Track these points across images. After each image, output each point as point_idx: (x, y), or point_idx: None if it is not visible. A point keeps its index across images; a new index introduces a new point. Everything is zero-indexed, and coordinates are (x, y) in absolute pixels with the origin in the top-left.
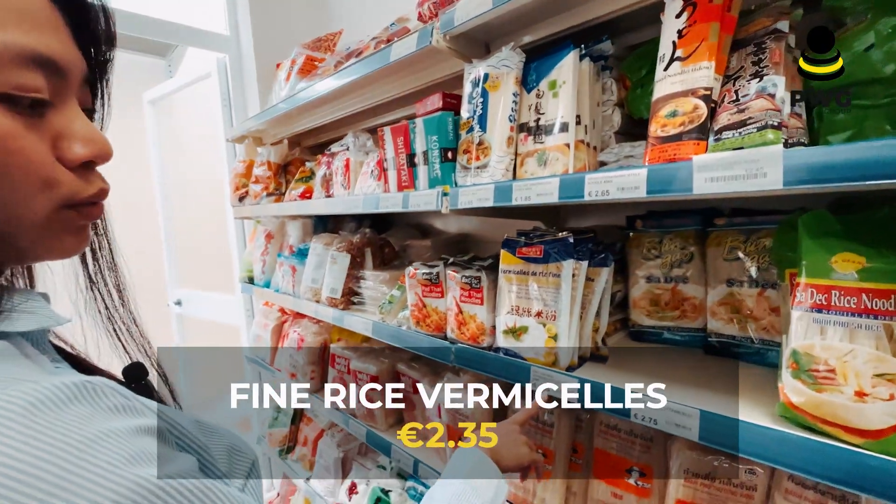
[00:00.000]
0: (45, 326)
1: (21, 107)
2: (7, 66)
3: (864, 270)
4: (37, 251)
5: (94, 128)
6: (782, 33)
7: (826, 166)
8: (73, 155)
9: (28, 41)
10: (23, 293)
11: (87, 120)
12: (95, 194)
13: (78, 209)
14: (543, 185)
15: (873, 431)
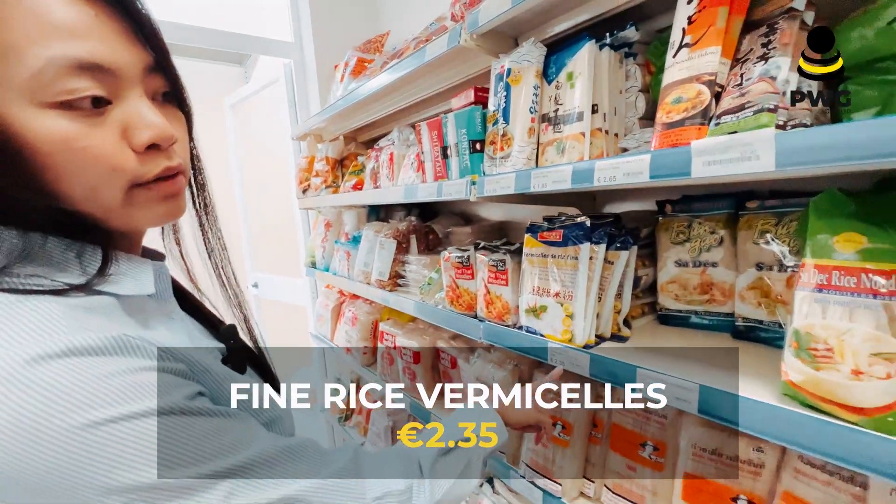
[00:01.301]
0: (140, 293)
1: (81, 110)
2: (57, 78)
3: (864, 250)
4: (131, 223)
5: (155, 115)
6: (797, 11)
7: (813, 148)
8: (137, 140)
9: (69, 51)
10: (132, 260)
11: (149, 108)
12: (162, 171)
13: (149, 186)
14: (558, 172)
15: (869, 409)
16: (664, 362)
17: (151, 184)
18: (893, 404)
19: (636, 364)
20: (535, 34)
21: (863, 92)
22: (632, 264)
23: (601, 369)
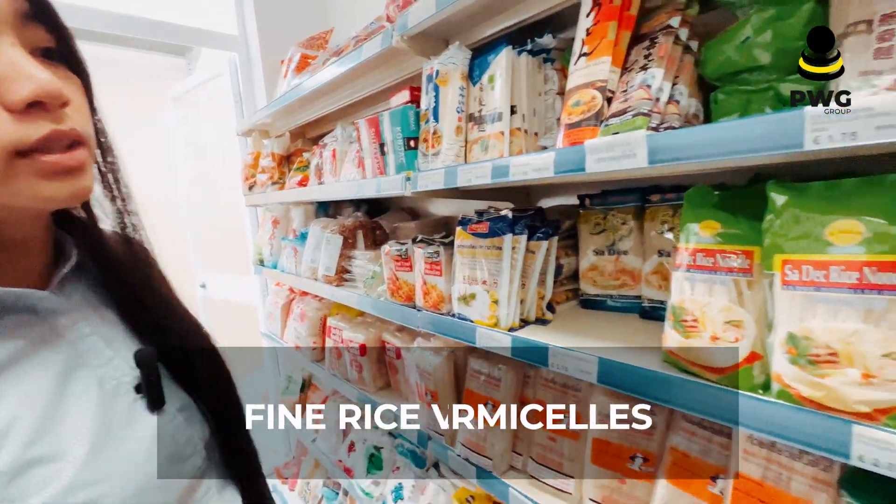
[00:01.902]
0: None
1: None
2: None
3: (719, 234)
4: (16, 202)
5: (37, 67)
6: (672, 28)
7: (676, 147)
8: (13, 96)
9: None
10: None
11: (27, 59)
12: (48, 136)
13: (32, 156)
14: (480, 168)
15: (721, 368)
16: (575, 341)
17: (37, 153)
18: (741, 363)
19: (548, 343)
20: (463, 38)
21: (727, 100)
22: (553, 253)
23: (521, 350)
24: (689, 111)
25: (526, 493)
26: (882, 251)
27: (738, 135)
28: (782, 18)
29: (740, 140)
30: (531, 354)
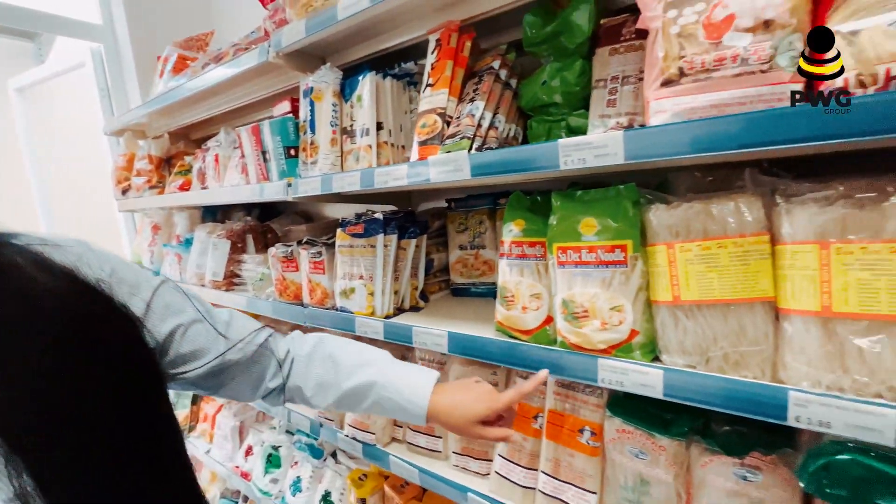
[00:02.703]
0: None
1: None
2: None
3: (524, 230)
4: None
5: None
6: (494, 69)
7: (485, 164)
8: None
9: None
10: None
11: None
12: None
13: None
14: (351, 177)
15: (528, 330)
16: (438, 323)
17: None
18: (540, 326)
19: (412, 325)
20: (338, 57)
21: (537, 126)
22: (423, 249)
23: (391, 333)
24: (507, 134)
25: (403, 457)
26: (607, 238)
27: (521, 157)
28: (565, 69)
29: (522, 161)
30: (399, 336)
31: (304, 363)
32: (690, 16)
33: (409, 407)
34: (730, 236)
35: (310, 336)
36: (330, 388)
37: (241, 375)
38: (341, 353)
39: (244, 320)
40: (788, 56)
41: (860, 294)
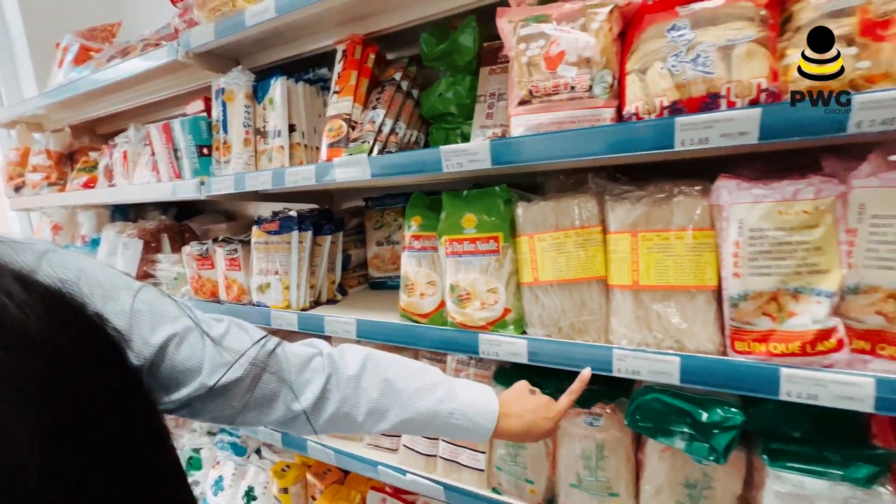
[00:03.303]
0: None
1: None
2: None
3: (421, 225)
4: None
5: None
6: (395, 80)
7: (384, 166)
8: None
9: None
10: None
11: None
12: None
13: None
14: (263, 176)
15: (426, 314)
16: (351, 313)
17: None
18: (435, 310)
19: (324, 315)
20: (252, 60)
21: (437, 133)
22: (339, 246)
23: (305, 323)
24: (409, 139)
25: (320, 441)
26: (483, 231)
27: (413, 160)
28: (457, 84)
29: (414, 164)
30: (312, 326)
31: (352, 386)
32: (535, 49)
33: (477, 430)
34: (573, 228)
35: (353, 353)
36: (387, 414)
37: (246, 397)
38: (398, 377)
39: (244, 330)
40: (601, 86)
41: (657, 271)
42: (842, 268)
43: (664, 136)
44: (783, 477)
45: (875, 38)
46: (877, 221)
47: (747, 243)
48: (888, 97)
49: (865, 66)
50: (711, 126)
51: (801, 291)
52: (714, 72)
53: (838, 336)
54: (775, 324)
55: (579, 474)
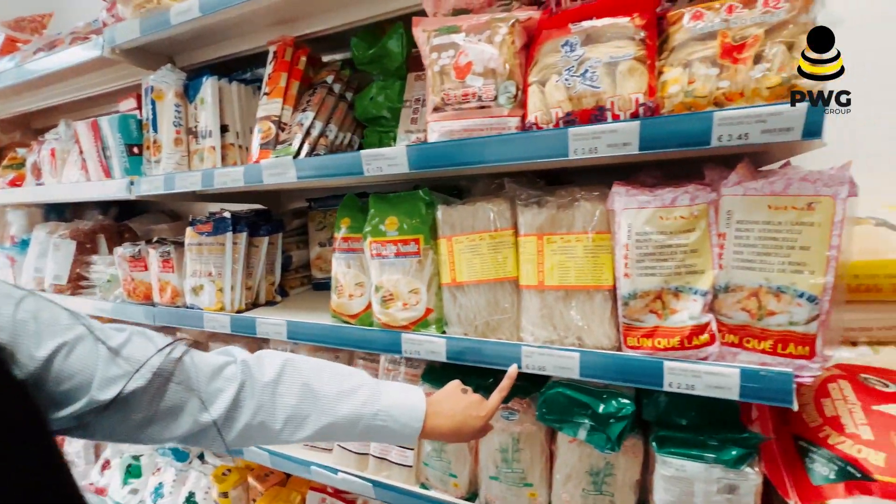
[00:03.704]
0: None
1: None
2: None
3: (350, 227)
4: None
5: None
6: (327, 83)
7: (308, 169)
8: None
9: None
10: None
11: None
12: None
13: None
14: (193, 176)
15: (355, 314)
16: (288, 314)
17: None
18: (363, 311)
19: (255, 317)
20: (185, 58)
21: (371, 136)
22: (279, 247)
23: (237, 326)
24: (342, 142)
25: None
26: (405, 234)
27: (336, 163)
28: (388, 88)
29: (337, 167)
30: (245, 328)
31: (269, 392)
32: (446, 59)
33: (404, 431)
34: (488, 231)
35: (271, 359)
36: (307, 420)
37: (149, 409)
38: (319, 381)
39: (148, 339)
40: (505, 96)
41: (559, 272)
42: (714, 268)
43: (559, 146)
44: (668, 462)
45: (733, 61)
46: (741, 226)
47: (635, 246)
48: (741, 115)
49: (726, 86)
50: (599, 137)
51: (681, 290)
52: (600, 86)
53: (710, 331)
54: (660, 320)
55: (498, 467)
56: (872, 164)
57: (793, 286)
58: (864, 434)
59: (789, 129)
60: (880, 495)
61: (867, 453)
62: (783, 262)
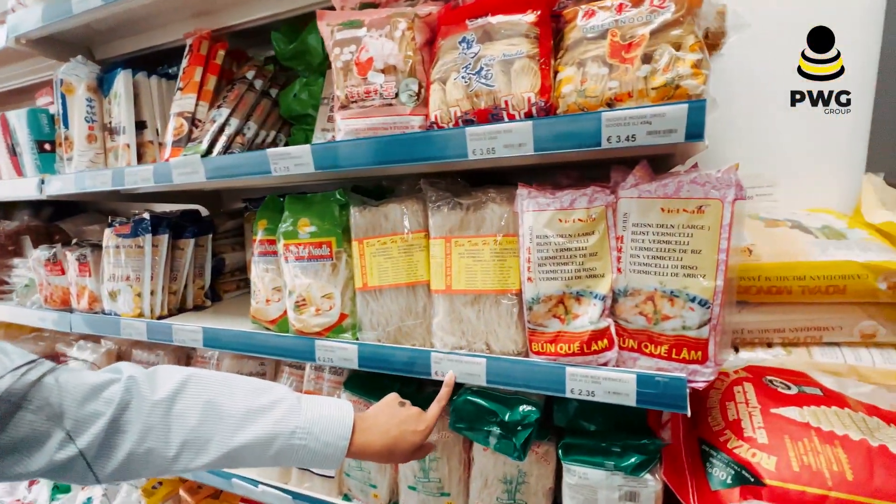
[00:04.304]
0: None
1: None
2: None
3: (265, 229)
4: None
5: None
6: (247, 79)
7: (217, 168)
8: None
9: None
10: None
11: None
12: None
13: None
14: (104, 175)
15: (272, 320)
16: (212, 320)
17: None
18: (281, 316)
19: (172, 323)
20: (105, 50)
21: (298, 134)
22: (208, 249)
23: (154, 332)
24: (262, 140)
25: None
26: (317, 236)
27: (244, 162)
28: (311, 84)
29: (246, 166)
30: (161, 335)
31: (160, 413)
32: (348, 54)
33: (327, 451)
34: (399, 233)
35: (168, 374)
36: (210, 443)
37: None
38: (226, 398)
39: (5, 355)
40: (406, 94)
41: (466, 275)
42: (613, 272)
43: (459, 146)
44: (571, 469)
45: (621, 60)
46: (636, 229)
47: (536, 249)
48: (626, 115)
49: (615, 86)
50: (496, 137)
51: (583, 294)
52: (495, 84)
53: (609, 336)
54: (563, 325)
55: (416, 476)
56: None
57: (685, 290)
58: (759, 438)
59: (673, 130)
60: (770, 500)
61: (760, 457)
62: (676, 265)
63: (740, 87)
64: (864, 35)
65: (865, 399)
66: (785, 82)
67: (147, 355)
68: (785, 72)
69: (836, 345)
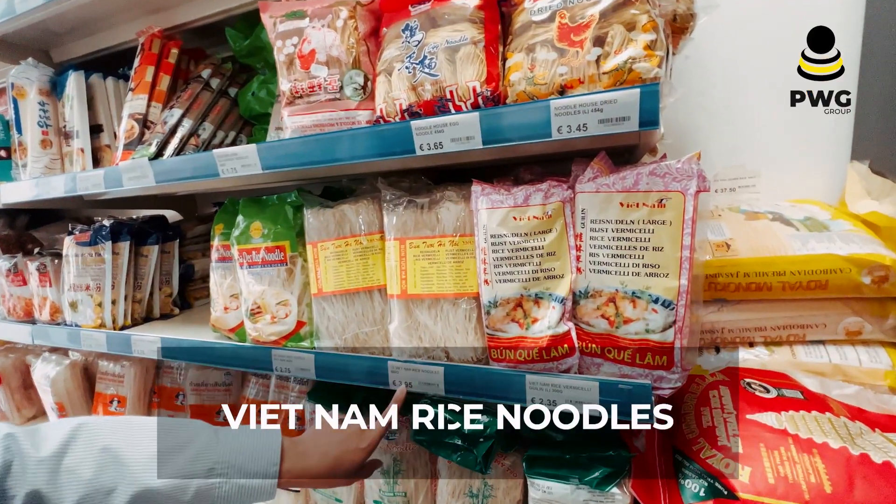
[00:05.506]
0: None
1: None
2: None
3: (221, 233)
4: None
5: None
6: (202, 78)
7: (166, 171)
8: None
9: None
10: None
11: None
12: None
13: None
14: (56, 181)
15: (232, 328)
16: (177, 330)
17: None
18: (239, 325)
19: (131, 334)
20: (62, 52)
21: (258, 134)
22: (175, 256)
23: (113, 344)
24: (221, 141)
25: None
26: (270, 240)
27: (193, 165)
28: (268, 82)
29: (195, 168)
30: (120, 347)
31: (47, 469)
32: (290, 47)
33: (251, 485)
34: (353, 236)
35: (56, 427)
36: (113, 495)
37: None
38: (127, 443)
39: None
40: (351, 87)
41: (422, 278)
42: (572, 272)
43: (405, 141)
44: (536, 483)
45: (570, 44)
46: (595, 226)
47: (491, 249)
48: (575, 103)
49: (565, 72)
50: (442, 130)
51: (542, 297)
52: (438, 74)
53: (570, 340)
54: (522, 330)
55: (381, 490)
56: (779, 159)
57: (647, 290)
58: (734, 447)
59: (626, 118)
60: None
61: (734, 468)
62: (637, 264)
63: (726, 79)
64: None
65: (850, 401)
66: (784, 81)
67: (113, 366)
68: (784, 70)
69: (821, 343)
